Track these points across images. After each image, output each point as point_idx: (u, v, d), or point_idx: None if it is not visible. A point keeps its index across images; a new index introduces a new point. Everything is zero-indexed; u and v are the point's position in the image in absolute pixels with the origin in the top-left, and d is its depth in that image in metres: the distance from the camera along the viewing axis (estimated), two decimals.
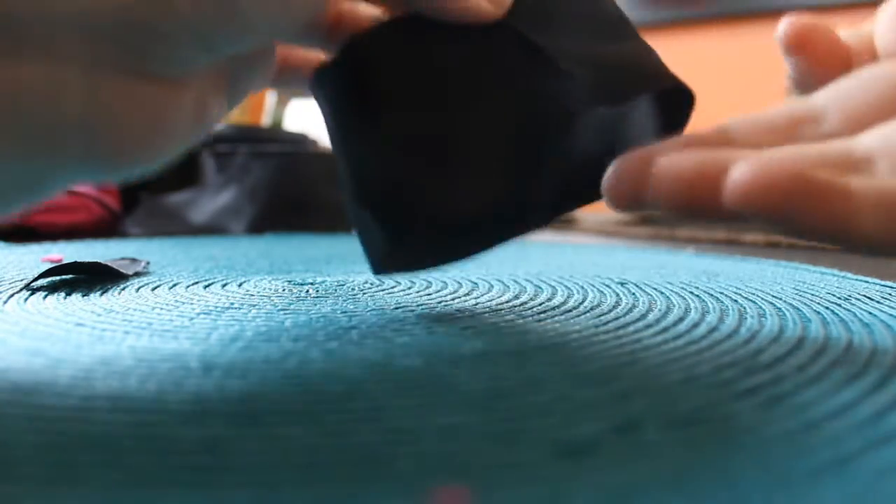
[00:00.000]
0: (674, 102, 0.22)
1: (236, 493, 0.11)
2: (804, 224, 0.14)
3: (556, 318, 0.23)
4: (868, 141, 0.16)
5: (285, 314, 0.24)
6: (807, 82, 0.21)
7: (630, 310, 0.25)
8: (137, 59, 0.16)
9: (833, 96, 0.18)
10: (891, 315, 0.23)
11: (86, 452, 0.12)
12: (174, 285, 0.31)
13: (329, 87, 0.22)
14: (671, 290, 0.29)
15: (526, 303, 0.26)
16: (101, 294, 0.28)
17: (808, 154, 0.16)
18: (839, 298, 0.27)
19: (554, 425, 0.13)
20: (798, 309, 0.25)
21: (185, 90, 0.17)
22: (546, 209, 0.24)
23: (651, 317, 0.23)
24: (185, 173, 0.82)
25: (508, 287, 0.30)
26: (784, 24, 0.21)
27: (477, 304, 0.26)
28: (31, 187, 0.16)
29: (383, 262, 0.22)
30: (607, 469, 0.11)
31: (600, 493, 0.11)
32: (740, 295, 0.28)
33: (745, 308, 0.25)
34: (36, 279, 0.30)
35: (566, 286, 0.30)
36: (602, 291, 0.29)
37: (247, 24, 0.16)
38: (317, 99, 0.23)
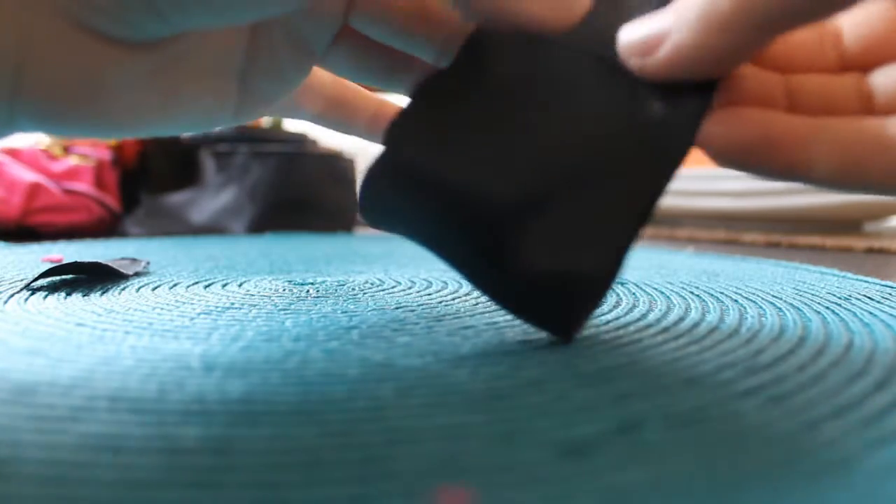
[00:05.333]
0: None
1: (237, 493, 0.11)
2: (769, 172, 0.17)
3: None
4: (876, 80, 0.18)
5: (286, 314, 0.24)
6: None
7: (630, 310, 0.25)
8: (77, 5, 0.15)
9: (852, 22, 0.19)
10: (891, 315, 0.23)
11: (86, 452, 0.12)
12: (174, 285, 0.31)
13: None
14: (671, 290, 0.29)
15: None
16: (102, 294, 0.28)
17: (829, 87, 0.18)
18: (839, 298, 0.27)
19: (554, 425, 0.13)
20: (798, 309, 0.25)
21: (139, 58, 0.17)
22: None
23: (651, 317, 0.23)
24: (184, 173, 0.82)
25: None
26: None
27: (477, 303, 0.26)
28: None
29: (575, 326, 0.19)
30: (607, 469, 0.11)
31: (600, 493, 0.11)
32: (740, 295, 0.28)
33: (745, 308, 0.25)
34: (36, 279, 0.30)
35: None
36: None
37: None
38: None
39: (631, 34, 0.17)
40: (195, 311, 0.24)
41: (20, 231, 0.69)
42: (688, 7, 0.16)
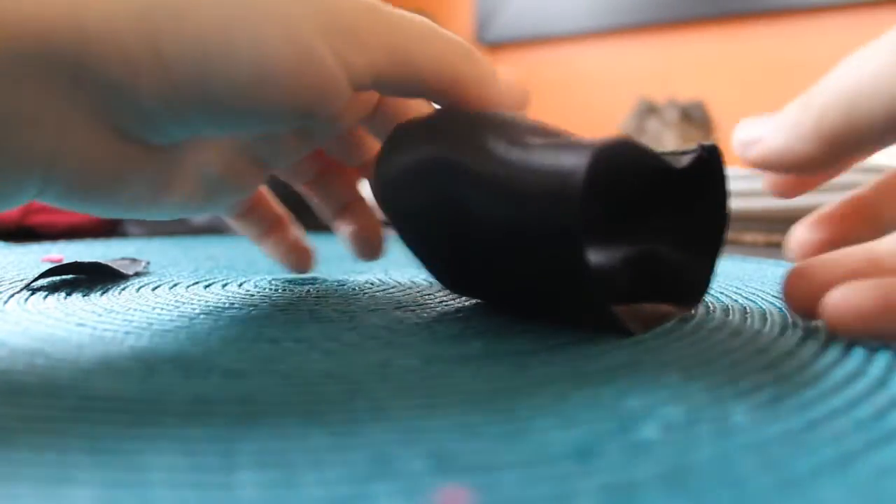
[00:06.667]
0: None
1: (237, 493, 0.11)
2: (891, 335, 0.18)
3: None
4: None
5: (286, 314, 0.24)
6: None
7: None
8: (110, 113, 0.18)
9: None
10: None
11: (86, 453, 0.12)
12: (174, 285, 0.31)
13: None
14: None
15: None
16: (102, 294, 0.28)
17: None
18: None
19: (554, 425, 0.13)
20: None
21: (151, 159, 0.20)
22: None
23: None
24: None
25: None
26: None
27: (477, 304, 0.26)
28: None
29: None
30: (607, 469, 0.11)
31: (600, 493, 0.11)
32: (740, 295, 0.28)
33: (745, 308, 0.25)
34: (36, 279, 0.30)
35: None
36: None
37: (220, 110, 0.18)
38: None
39: (740, 131, 0.22)
40: (195, 312, 0.24)
41: (20, 231, 0.69)
42: (780, 118, 0.21)
